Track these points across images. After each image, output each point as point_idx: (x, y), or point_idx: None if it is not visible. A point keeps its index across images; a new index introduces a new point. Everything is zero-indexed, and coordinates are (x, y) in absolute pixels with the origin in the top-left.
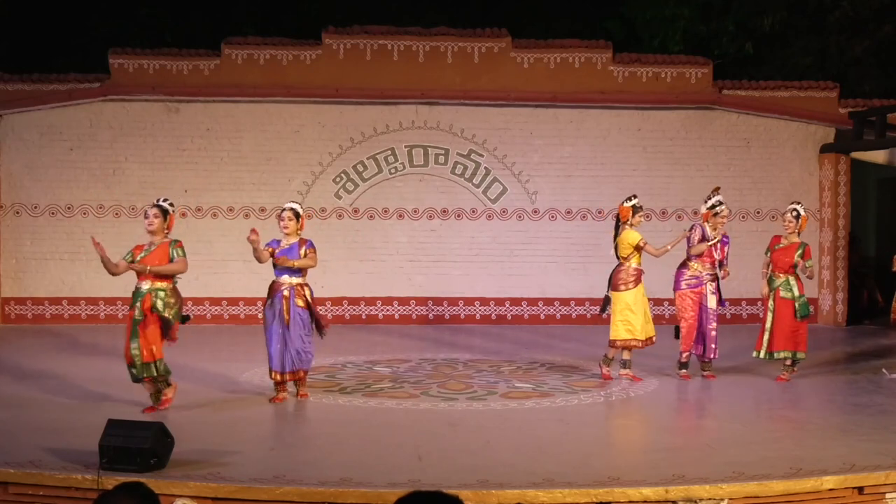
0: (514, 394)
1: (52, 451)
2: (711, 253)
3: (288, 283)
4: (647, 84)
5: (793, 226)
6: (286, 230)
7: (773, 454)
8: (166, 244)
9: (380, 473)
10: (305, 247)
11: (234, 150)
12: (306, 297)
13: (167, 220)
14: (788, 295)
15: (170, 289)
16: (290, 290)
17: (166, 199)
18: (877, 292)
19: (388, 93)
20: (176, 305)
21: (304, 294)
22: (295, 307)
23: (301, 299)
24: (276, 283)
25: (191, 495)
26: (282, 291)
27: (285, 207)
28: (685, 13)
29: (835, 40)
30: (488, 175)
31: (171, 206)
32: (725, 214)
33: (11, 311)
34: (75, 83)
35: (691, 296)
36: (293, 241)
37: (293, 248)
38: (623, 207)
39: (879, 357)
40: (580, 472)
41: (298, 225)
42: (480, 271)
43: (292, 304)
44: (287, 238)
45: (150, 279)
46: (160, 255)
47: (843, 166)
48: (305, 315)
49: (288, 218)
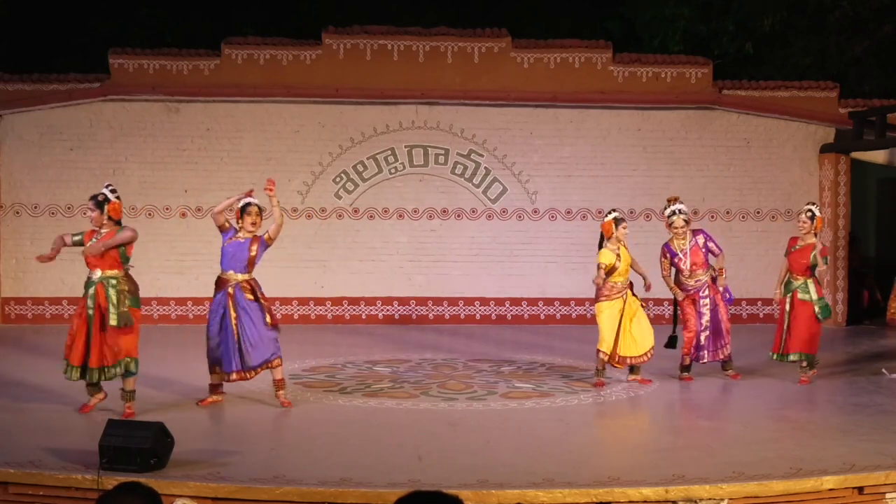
0: (514, 394)
1: (52, 451)
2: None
3: (234, 278)
4: (647, 84)
5: (808, 226)
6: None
7: (773, 454)
8: (114, 231)
9: (380, 473)
10: (259, 242)
11: (234, 150)
12: (255, 291)
13: (105, 211)
14: (806, 297)
15: (122, 276)
16: (235, 286)
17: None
18: (877, 292)
19: (388, 93)
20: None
21: (254, 289)
22: (244, 301)
23: (250, 293)
24: (223, 278)
25: (191, 495)
26: (226, 290)
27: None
28: (685, 13)
29: (835, 40)
30: (488, 175)
31: (113, 192)
32: (679, 225)
33: (11, 311)
34: (75, 83)
35: (688, 303)
36: (248, 237)
37: (245, 243)
38: (604, 224)
39: (879, 357)
40: (580, 472)
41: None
42: (480, 271)
43: (240, 299)
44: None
45: (101, 267)
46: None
47: (843, 166)
48: (255, 307)
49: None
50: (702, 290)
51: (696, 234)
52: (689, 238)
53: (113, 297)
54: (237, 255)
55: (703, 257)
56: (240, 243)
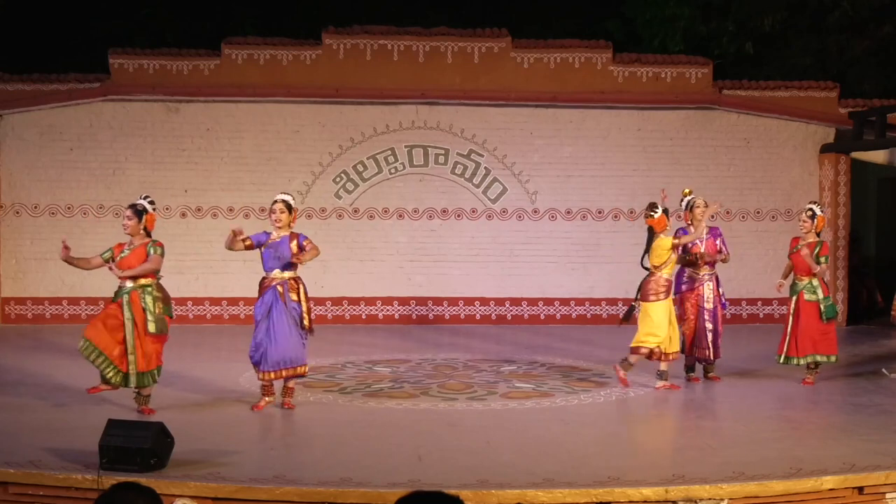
0: (514, 394)
1: (52, 451)
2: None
3: (280, 277)
4: (647, 84)
5: (808, 225)
6: (278, 223)
7: (773, 454)
8: (144, 245)
9: (380, 473)
10: (298, 240)
11: (234, 150)
12: (300, 292)
13: (142, 221)
14: (813, 297)
15: (155, 284)
16: (283, 284)
17: (147, 196)
18: (877, 292)
19: (388, 93)
20: (164, 301)
21: (298, 288)
22: (290, 301)
23: (295, 293)
24: (267, 279)
25: (191, 495)
26: (275, 286)
27: (277, 199)
28: (685, 13)
29: (835, 40)
30: (488, 175)
31: (150, 203)
32: (701, 205)
33: (11, 311)
34: (75, 83)
35: (690, 298)
36: (284, 235)
37: (283, 241)
38: (656, 220)
39: (879, 357)
40: (580, 472)
41: (291, 217)
42: (480, 271)
43: (287, 298)
44: (278, 231)
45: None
46: (139, 256)
47: (843, 166)
48: (299, 310)
49: (280, 210)
50: (705, 288)
51: (712, 230)
52: (705, 231)
53: (150, 304)
54: (278, 254)
55: (713, 253)
56: (277, 243)
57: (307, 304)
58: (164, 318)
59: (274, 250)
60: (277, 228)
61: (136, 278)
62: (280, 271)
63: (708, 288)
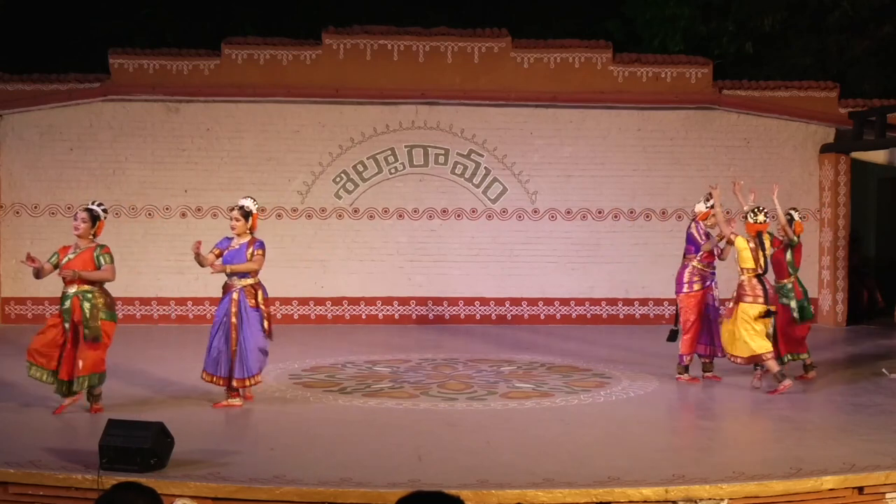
0: (514, 394)
1: (52, 451)
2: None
3: (238, 284)
4: (647, 84)
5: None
6: (234, 230)
7: (773, 454)
8: (91, 249)
9: (380, 473)
10: (254, 247)
11: (234, 150)
12: (258, 297)
13: (96, 226)
14: (785, 301)
15: (97, 290)
16: (239, 291)
17: (101, 203)
18: (877, 292)
19: (388, 93)
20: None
21: (257, 294)
22: (247, 308)
23: (252, 299)
24: (227, 284)
25: (191, 495)
26: (231, 293)
27: (234, 206)
28: (685, 13)
29: (835, 40)
30: (488, 175)
31: (104, 211)
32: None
33: (11, 311)
34: (75, 83)
35: (694, 297)
36: (242, 242)
37: (241, 249)
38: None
39: (879, 357)
40: (580, 472)
41: (248, 224)
42: (480, 271)
43: (243, 305)
44: (237, 238)
45: (77, 282)
46: (84, 260)
47: (843, 166)
48: (256, 316)
49: (235, 218)
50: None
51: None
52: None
53: (87, 311)
54: (235, 261)
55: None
56: (236, 251)
57: (266, 310)
58: (101, 325)
59: (232, 257)
60: (236, 235)
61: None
62: (238, 278)
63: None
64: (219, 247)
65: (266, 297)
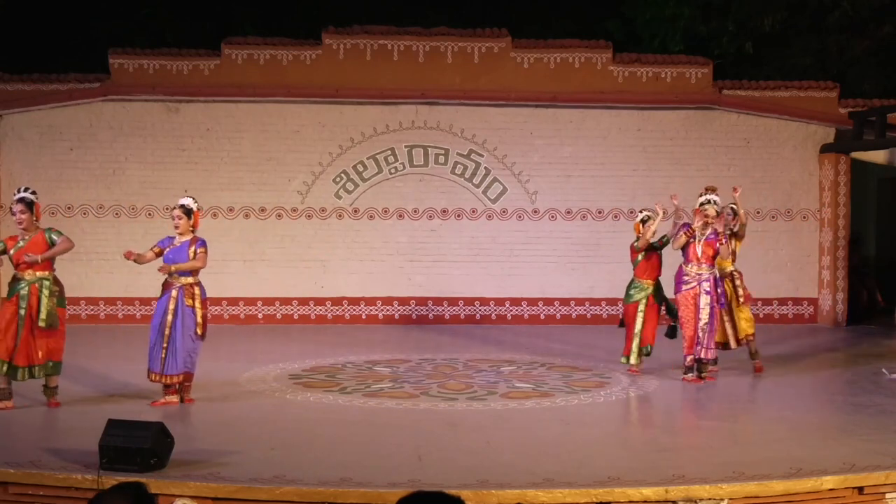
0: (514, 394)
1: (52, 451)
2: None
3: (178, 282)
4: (647, 84)
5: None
6: (177, 228)
7: (773, 454)
8: (41, 232)
9: (380, 473)
10: (196, 245)
11: (234, 150)
12: (195, 297)
13: (33, 212)
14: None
15: (52, 277)
16: (178, 290)
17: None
18: (877, 292)
19: (388, 93)
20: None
21: (194, 293)
22: (184, 307)
23: (190, 299)
24: (167, 283)
25: (191, 495)
26: (171, 291)
27: (175, 205)
28: (685, 13)
29: (835, 40)
30: (488, 175)
31: (33, 195)
32: (710, 214)
33: None
34: (75, 83)
35: (689, 297)
36: (185, 240)
37: (183, 247)
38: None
39: (879, 357)
40: (580, 472)
41: (191, 222)
42: (480, 271)
43: (181, 303)
44: (179, 237)
45: (33, 268)
46: (37, 243)
47: (843, 166)
48: (190, 314)
49: (177, 216)
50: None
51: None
52: (709, 231)
53: (45, 298)
54: (177, 259)
55: (713, 253)
56: (178, 248)
57: (203, 311)
58: (56, 312)
59: (174, 255)
60: (178, 234)
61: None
62: (179, 276)
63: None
64: (160, 245)
65: (204, 297)
